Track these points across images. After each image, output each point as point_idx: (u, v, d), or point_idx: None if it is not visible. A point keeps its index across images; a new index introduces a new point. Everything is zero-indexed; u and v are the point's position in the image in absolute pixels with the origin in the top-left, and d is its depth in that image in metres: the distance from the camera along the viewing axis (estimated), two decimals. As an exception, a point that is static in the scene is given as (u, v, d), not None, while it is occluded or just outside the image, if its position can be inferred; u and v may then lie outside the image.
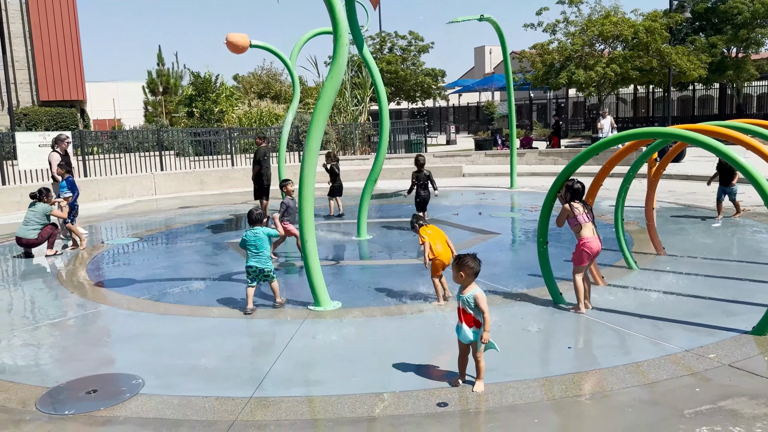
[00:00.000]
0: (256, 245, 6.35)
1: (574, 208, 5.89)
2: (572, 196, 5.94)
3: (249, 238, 6.37)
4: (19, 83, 28.67)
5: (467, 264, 4.35)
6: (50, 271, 8.75)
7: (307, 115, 22.78)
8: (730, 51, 33.05)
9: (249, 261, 6.37)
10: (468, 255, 4.42)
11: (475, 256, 4.44)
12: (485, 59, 58.36)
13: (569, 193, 5.96)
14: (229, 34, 10.41)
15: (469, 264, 4.35)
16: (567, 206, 5.94)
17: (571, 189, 5.94)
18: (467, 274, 4.34)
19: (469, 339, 4.31)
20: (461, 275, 4.35)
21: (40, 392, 4.56)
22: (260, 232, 6.38)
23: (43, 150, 15.35)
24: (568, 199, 5.96)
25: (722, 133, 5.70)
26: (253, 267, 6.35)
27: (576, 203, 5.93)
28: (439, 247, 6.31)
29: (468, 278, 4.35)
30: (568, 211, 5.92)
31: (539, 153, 22.28)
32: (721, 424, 3.70)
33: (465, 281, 4.36)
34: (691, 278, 6.83)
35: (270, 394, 4.41)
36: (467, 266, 4.34)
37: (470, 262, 4.36)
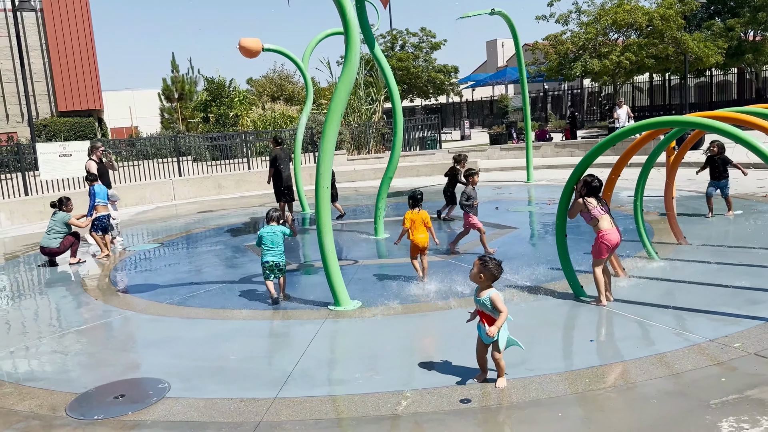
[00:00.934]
0: (273, 241, 6.71)
1: (588, 203, 5.86)
2: (588, 192, 5.91)
3: (266, 235, 6.73)
4: (38, 95, 29.14)
5: (490, 269, 4.33)
6: (74, 278, 8.90)
7: (320, 116, 22.84)
8: (747, 35, 32.50)
9: (266, 256, 6.72)
10: (493, 260, 4.39)
11: (500, 263, 4.42)
12: (497, 53, 58.01)
13: (586, 188, 5.92)
14: (242, 38, 10.49)
15: (491, 269, 4.33)
16: (580, 200, 5.92)
17: (588, 185, 5.89)
18: (486, 277, 4.33)
19: (489, 339, 4.31)
20: (481, 277, 4.34)
21: (69, 398, 4.65)
22: (276, 230, 6.76)
23: (64, 160, 15.62)
24: (583, 194, 5.93)
25: (740, 119, 5.63)
26: (269, 262, 6.69)
27: (590, 198, 5.89)
28: (421, 235, 7.13)
29: (486, 281, 4.34)
30: (581, 206, 5.90)
31: (555, 145, 22.12)
32: (748, 413, 3.67)
33: (483, 284, 4.35)
34: (713, 267, 6.75)
35: (294, 394, 4.45)
36: (489, 271, 4.33)
37: (493, 268, 4.34)
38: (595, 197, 5.93)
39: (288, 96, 36.03)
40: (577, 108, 37.07)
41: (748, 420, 3.59)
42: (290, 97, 35.92)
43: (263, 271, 6.75)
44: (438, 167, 20.01)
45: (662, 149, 7.46)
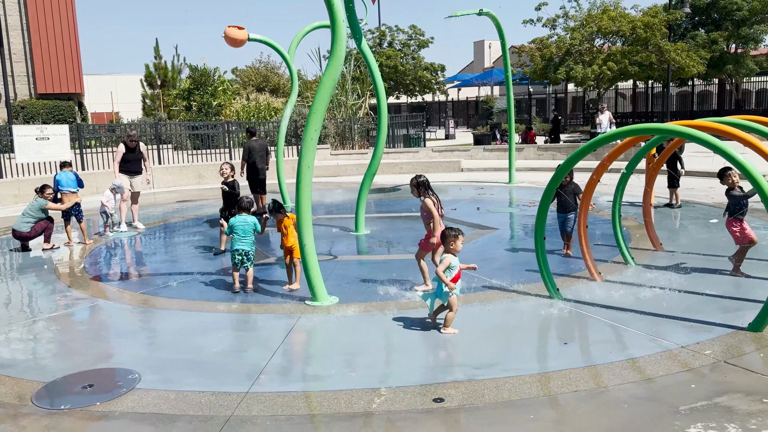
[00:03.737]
0: (244, 230, 6.79)
1: (434, 202, 6.55)
2: (425, 189, 6.53)
3: (237, 224, 6.80)
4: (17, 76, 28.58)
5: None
6: (47, 265, 8.74)
7: (305, 109, 22.73)
8: (729, 47, 33.02)
9: (236, 245, 6.80)
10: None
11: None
12: (484, 53, 58.22)
13: (425, 188, 6.56)
14: (228, 27, 10.38)
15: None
16: (429, 200, 6.52)
17: (426, 185, 6.59)
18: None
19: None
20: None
21: (37, 387, 4.56)
22: (249, 219, 6.84)
23: (41, 143, 15.33)
24: (428, 194, 6.54)
25: (720, 129, 5.70)
26: (239, 250, 6.77)
27: (432, 197, 6.54)
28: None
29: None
30: (431, 204, 6.51)
31: (538, 148, 22.27)
32: (716, 420, 3.71)
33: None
34: (688, 274, 6.84)
35: (267, 389, 4.41)
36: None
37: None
38: (436, 197, 6.60)
39: (273, 87, 35.78)
40: (561, 112, 37.34)
41: (715, 427, 3.64)
42: (275, 88, 35.68)
43: (232, 259, 6.86)
44: (421, 165, 20.02)
45: (643, 156, 7.53)
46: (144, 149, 11.52)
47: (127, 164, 11.15)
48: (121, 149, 11.16)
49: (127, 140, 11.21)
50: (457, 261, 5.41)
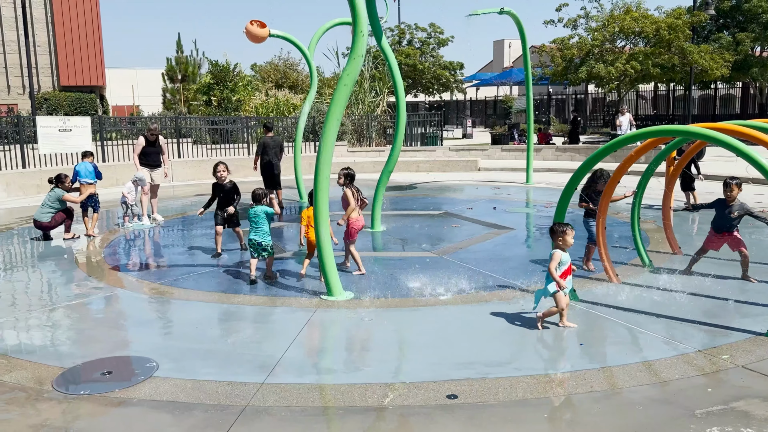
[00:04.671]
0: (256, 221, 7.04)
1: (353, 193, 7.15)
2: (350, 182, 7.20)
3: (250, 215, 7.10)
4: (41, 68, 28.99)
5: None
6: (67, 254, 8.88)
7: (323, 106, 22.79)
8: (754, 50, 32.54)
9: (249, 235, 7.10)
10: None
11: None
12: (504, 53, 57.92)
13: (348, 179, 7.18)
14: (249, 23, 10.44)
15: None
16: (348, 191, 7.12)
17: (350, 176, 7.20)
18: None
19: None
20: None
21: (56, 372, 4.65)
22: (258, 210, 7.05)
23: (64, 135, 15.56)
24: (347, 184, 7.18)
25: (743, 132, 5.63)
26: (252, 240, 7.03)
27: (352, 188, 7.16)
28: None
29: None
30: (350, 194, 7.12)
31: (556, 149, 22.13)
32: (732, 425, 3.68)
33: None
34: (706, 278, 6.77)
35: (282, 380, 4.45)
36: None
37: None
38: (356, 190, 7.21)
39: (292, 84, 35.93)
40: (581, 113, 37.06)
41: (732, 431, 3.61)
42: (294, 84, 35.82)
43: (249, 247, 7.17)
44: (438, 164, 20.02)
45: (663, 158, 7.47)
46: (163, 142, 11.64)
47: (147, 157, 11.28)
48: (141, 142, 11.29)
49: (147, 133, 11.33)
50: (567, 257, 5.40)
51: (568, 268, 5.42)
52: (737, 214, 6.59)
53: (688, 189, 11.20)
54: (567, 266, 5.40)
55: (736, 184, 6.64)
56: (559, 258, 5.35)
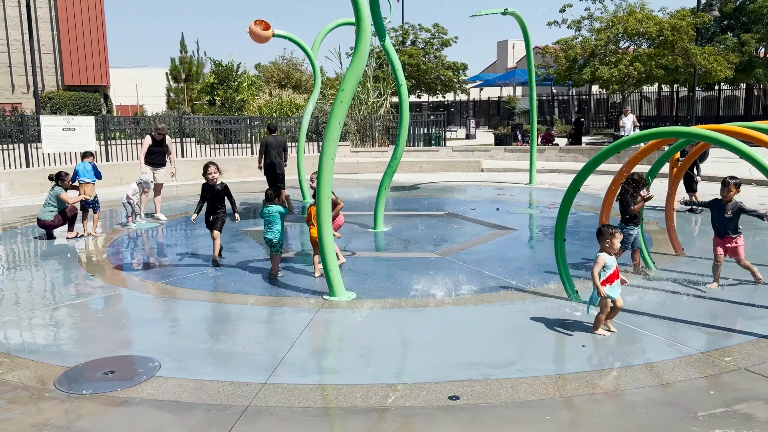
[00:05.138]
0: (270, 220, 7.20)
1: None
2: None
3: (264, 214, 7.28)
4: (45, 67, 29.05)
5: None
6: (71, 253, 8.90)
7: (327, 106, 22.80)
8: (758, 51, 32.44)
9: (264, 233, 7.31)
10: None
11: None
12: (508, 53, 57.90)
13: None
14: (253, 23, 10.45)
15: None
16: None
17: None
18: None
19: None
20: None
21: (59, 371, 4.66)
22: (272, 209, 7.20)
23: (67, 134, 15.59)
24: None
25: (746, 134, 5.61)
26: (266, 238, 7.27)
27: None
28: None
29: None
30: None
31: (560, 150, 22.09)
32: (735, 427, 3.67)
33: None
34: (709, 280, 6.75)
35: (284, 380, 4.46)
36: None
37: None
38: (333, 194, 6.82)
39: (295, 84, 35.95)
40: (584, 114, 37.00)
41: (734, 434, 3.60)
42: (297, 84, 35.85)
43: (267, 246, 7.47)
44: (441, 165, 20.00)
45: (666, 160, 7.45)
46: (169, 142, 11.67)
47: (152, 156, 11.31)
48: (148, 141, 11.32)
49: (154, 133, 11.37)
50: (613, 260, 5.22)
51: (614, 272, 5.21)
52: (731, 213, 6.42)
53: (690, 190, 11.17)
54: (613, 270, 5.20)
55: (734, 185, 6.45)
56: (603, 262, 5.17)
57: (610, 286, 5.19)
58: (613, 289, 5.21)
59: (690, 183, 11.16)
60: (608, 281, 5.18)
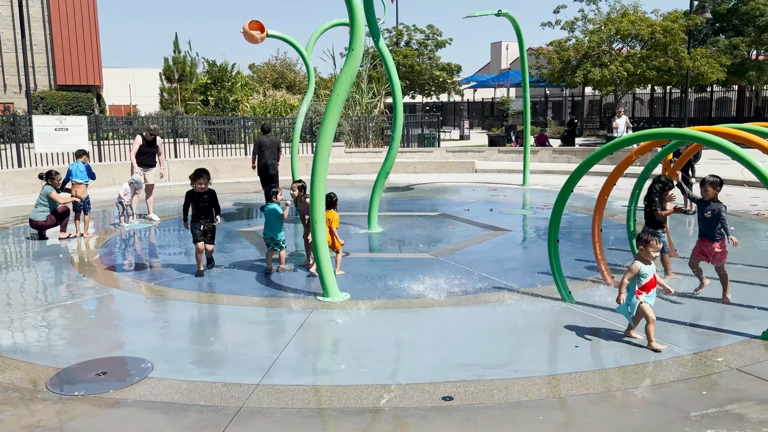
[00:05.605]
0: (268, 219, 7.46)
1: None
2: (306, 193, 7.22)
3: (264, 213, 7.53)
4: (37, 67, 28.92)
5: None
6: (63, 253, 8.85)
7: (321, 107, 22.79)
8: (750, 53, 32.64)
9: (264, 230, 7.55)
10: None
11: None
12: (501, 55, 58.07)
13: (303, 190, 7.42)
14: (246, 23, 10.44)
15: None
16: (309, 200, 6.67)
17: (303, 188, 7.39)
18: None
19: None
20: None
21: (51, 372, 4.63)
22: (269, 207, 7.47)
23: (60, 134, 15.51)
24: (297, 195, 7.42)
25: (739, 135, 5.65)
26: (265, 235, 7.52)
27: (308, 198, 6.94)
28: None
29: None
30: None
31: (553, 151, 22.16)
32: (727, 427, 3.69)
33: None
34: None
35: (277, 381, 4.45)
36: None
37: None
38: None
39: (289, 84, 35.92)
40: (577, 115, 37.13)
41: (726, 434, 3.62)
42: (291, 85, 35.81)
43: (265, 243, 7.66)
44: (435, 165, 20.03)
45: (659, 161, 7.48)
46: (160, 143, 11.62)
47: (143, 156, 11.27)
48: (138, 141, 11.27)
49: (146, 133, 11.31)
50: (649, 268, 4.96)
51: (650, 281, 4.96)
52: (710, 214, 6.10)
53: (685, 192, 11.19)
54: (649, 279, 4.95)
55: (710, 184, 6.15)
56: (636, 270, 4.93)
57: (646, 294, 4.97)
58: (650, 298, 4.98)
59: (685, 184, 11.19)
60: (644, 290, 4.96)
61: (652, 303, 4.98)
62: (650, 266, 5.00)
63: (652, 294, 5.00)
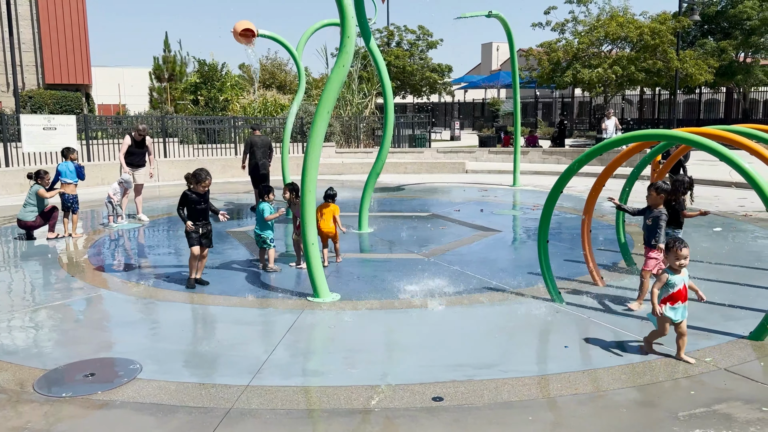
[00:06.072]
0: (258, 216, 7.56)
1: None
2: (298, 194, 7.11)
3: (257, 211, 7.64)
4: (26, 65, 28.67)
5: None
6: (51, 254, 8.78)
7: (311, 107, 22.75)
8: (738, 56, 32.94)
9: (255, 228, 7.64)
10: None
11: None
12: (492, 56, 58.23)
13: (294, 191, 7.37)
14: (237, 23, 10.39)
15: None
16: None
17: (295, 189, 7.32)
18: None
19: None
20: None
21: (38, 374, 4.59)
22: (259, 207, 7.56)
23: (48, 133, 15.39)
24: (289, 197, 7.42)
25: (726, 137, 5.70)
26: (255, 233, 7.61)
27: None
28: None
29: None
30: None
31: (543, 152, 22.26)
32: (714, 427, 3.72)
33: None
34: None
35: (267, 382, 4.43)
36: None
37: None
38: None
39: (280, 84, 35.82)
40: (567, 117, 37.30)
41: (714, 433, 3.64)
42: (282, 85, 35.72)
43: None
44: (426, 166, 20.05)
45: (648, 162, 7.53)
46: (150, 142, 11.55)
47: (132, 157, 11.19)
48: (127, 141, 11.19)
49: (135, 133, 11.23)
50: (679, 279, 4.66)
51: (677, 291, 4.67)
52: (651, 221, 5.91)
53: None
54: (677, 289, 4.67)
55: (655, 189, 5.90)
56: (664, 279, 4.67)
57: (671, 306, 4.67)
58: (675, 311, 4.69)
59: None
60: (669, 300, 4.69)
61: (675, 317, 4.67)
62: (679, 275, 4.69)
63: (679, 307, 4.68)
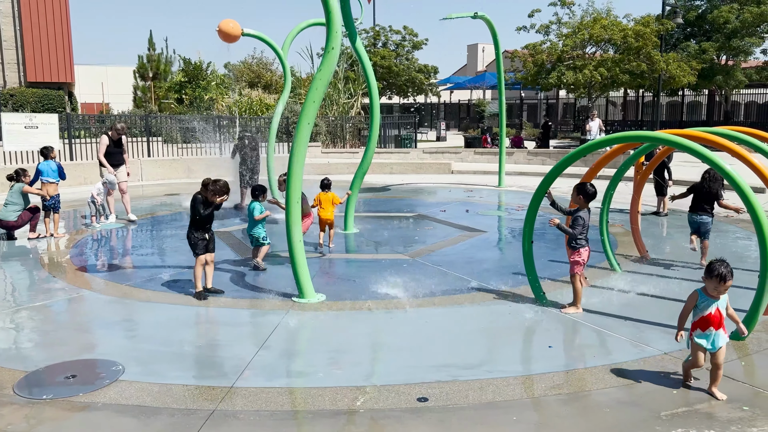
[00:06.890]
0: (249, 216, 7.55)
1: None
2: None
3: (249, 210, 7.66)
4: (7, 63, 28.27)
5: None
6: (32, 254, 8.66)
7: (297, 106, 22.68)
8: (719, 58, 33.36)
9: (247, 228, 7.74)
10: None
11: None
12: (478, 57, 58.42)
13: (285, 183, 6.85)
14: (221, 22, 10.33)
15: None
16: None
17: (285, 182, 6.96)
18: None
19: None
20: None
21: (18, 376, 4.52)
22: (250, 207, 7.56)
23: (30, 132, 15.18)
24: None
25: (709, 139, 5.76)
26: (247, 231, 7.67)
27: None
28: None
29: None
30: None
31: (528, 153, 22.37)
32: (696, 426, 3.76)
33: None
34: (673, 281, 6.90)
35: (251, 384, 4.40)
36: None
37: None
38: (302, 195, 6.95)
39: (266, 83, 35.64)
40: (552, 118, 37.54)
41: (695, 432, 3.68)
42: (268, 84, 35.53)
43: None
44: (412, 166, 20.06)
45: (632, 163, 7.59)
46: (125, 142, 11.40)
47: (110, 157, 11.02)
48: (105, 141, 10.99)
49: (112, 133, 11.06)
50: (713, 302, 4.15)
51: (709, 315, 4.13)
52: (573, 222, 5.88)
53: (660, 194, 11.40)
54: (707, 313, 4.13)
55: (577, 191, 5.86)
56: (694, 300, 4.22)
57: (702, 332, 4.17)
58: (708, 337, 4.14)
59: (660, 188, 11.37)
60: (700, 326, 4.19)
61: (707, 345, 4.15)
62: (717, 300, 4.18)
63: (711, 334, 4.14)
